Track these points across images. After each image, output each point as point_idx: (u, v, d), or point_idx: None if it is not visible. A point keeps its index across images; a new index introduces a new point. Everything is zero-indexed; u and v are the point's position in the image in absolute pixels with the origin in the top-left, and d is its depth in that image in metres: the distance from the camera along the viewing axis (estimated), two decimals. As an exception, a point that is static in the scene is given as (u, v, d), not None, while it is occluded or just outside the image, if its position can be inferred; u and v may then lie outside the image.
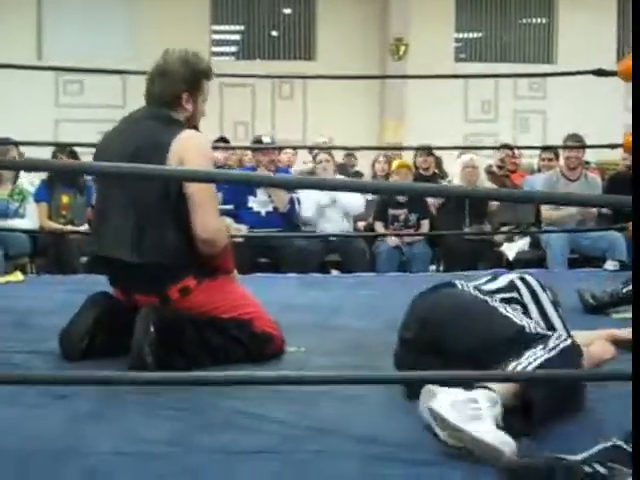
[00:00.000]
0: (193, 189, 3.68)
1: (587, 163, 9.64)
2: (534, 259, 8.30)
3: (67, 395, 3.11)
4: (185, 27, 14.59)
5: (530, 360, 2.85)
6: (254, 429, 2.83)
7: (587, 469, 2.32)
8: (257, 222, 7.79)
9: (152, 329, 3.57)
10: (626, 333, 3.48)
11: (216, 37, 15.58)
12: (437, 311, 3.26)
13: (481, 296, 3.31)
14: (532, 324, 3.18)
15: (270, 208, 7.91)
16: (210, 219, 3.74)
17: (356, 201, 8.45)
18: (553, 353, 2.93)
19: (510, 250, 8.52)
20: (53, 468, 2.53)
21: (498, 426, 2.58)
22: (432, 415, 2.58)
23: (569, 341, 3.06)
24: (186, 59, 4.05)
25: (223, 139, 10.52)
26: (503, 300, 3.35)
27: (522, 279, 3.50)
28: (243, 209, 7.88)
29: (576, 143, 8.32)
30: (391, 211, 8.49)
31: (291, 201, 8.05)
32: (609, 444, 2.41)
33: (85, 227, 8.26)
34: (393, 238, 8.39)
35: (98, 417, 2.94)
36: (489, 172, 9.87)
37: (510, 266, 8.01)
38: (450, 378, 2.72)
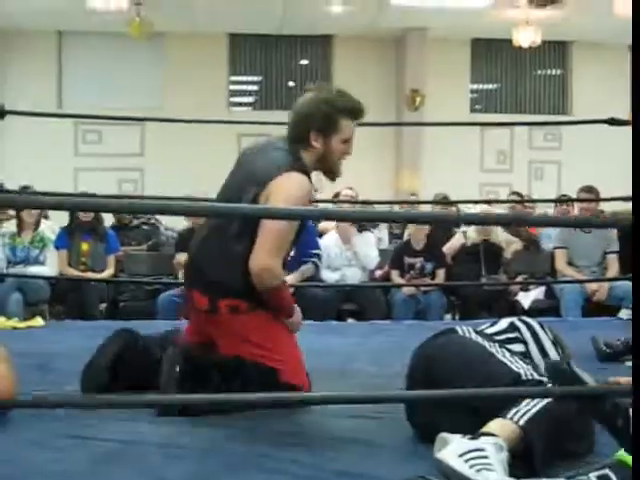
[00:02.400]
0: (265, 221, 3.69)
1: (602, 212, 9.67)
2: (549, 308, 8.34)
3: (88, 437, 3.16)
4: (205, 78, 14.78)
5: (529, 407, 2.87)
6: (277, 471, 2.88)
7: None
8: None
9: (177, 370, 3.63)
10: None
11: (234, 88, 15.73)
12: (438, 358, 3.29)
13: (480, 341, 3.34)
14: (529, 370, 3.18)
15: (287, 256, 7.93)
16: (262, 255, 3.71)
17: (373, 255, 8.53)
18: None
19: (525, 299, 8.56)
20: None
21: (505, 472, 2.61)
22: (443, 466, 2.63)
23: None
24: (320, 97, 3.95)
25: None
26: (504, 341, 3.42)
27: (522, 320, 3.58)
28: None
29: (590, 195, 8.38)
30: (407, 260, 8.54)
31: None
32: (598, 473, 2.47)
33: (105, 274, 8.36)
34: (409, 287, 8.41)
35: (120, 457, 3.00)
36: (504, 222, 9.91)
37: (525, 315, 8.04)
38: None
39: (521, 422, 2.83)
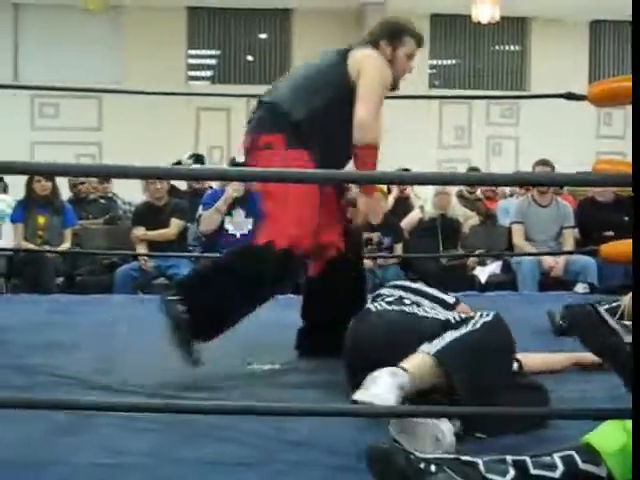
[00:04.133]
0: (364, 76, 4.15)
1: (561, 188, 9.73)
2: (505, 282, 8.41)
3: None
4: (163, 52, 14.67)
5: (441, 340, 3.04)
6: (233, 441, 2.90)
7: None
8: (232, 244, 7.79)
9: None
10: (591, 356, 3.59)
11: (193, 61, 15.64)
12: (371, 342, 3.36)
13: (397, 308, 3.50)
14: (451, 314, 3.37)
15: (245, 231, 7.93)
16: (360, 110, 4.07)
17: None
18: (472, 328, 3.13)
19: (482, 273, 8.62)
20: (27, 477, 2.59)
21: (394, 391, 2.82)
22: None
23: (491, 316, 3.23)
24: (393, 19, 4.56)
25: (198, 157, 10.27)
26: (413, 302, 3.56)
27: (396, 286, 3.85)
28: (218, 232, 7.89)
29: (545, 168, 8.43)
30: (365, 234, 8.55)
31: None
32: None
33: (61, 248, 8.31)
34: (366, 261, 8.43)
35: (77, 430, 2.99)
36: (460, 196, 9.95)
37: (482, 289, 8.11)
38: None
39: (432, 351, 2.98)
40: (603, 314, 2.74)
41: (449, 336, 3.07)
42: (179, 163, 9.32)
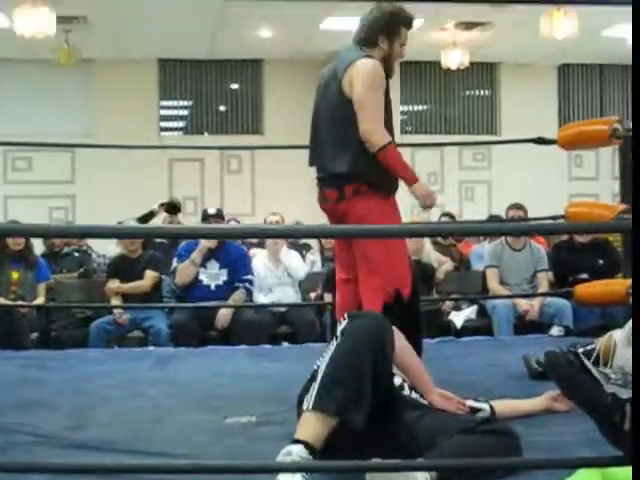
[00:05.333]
0: (360, 100, 4.46)
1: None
2: (481, 327, 8.42)
3: None
4: (135, 103, 14.69)
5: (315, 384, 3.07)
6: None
7: None
8: (206, 296, 7.81)
9: None
10: (564, 400, 3.62)
11: (165, 112, 15.66)
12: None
13: None
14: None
15: (220, 282, 7.93)
16: (366, 124, 4.43)
17: (302, 265, 8.68)
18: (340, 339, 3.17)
19: (457, 318, 8.63)
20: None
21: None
22: None
23: (344, 323, 3.27)
24: (386, 7, 4.74)
25: (174, 206, 10.12)
26: None
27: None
28: (193, 283, 7.90)
29: (519, 212, 8.51)
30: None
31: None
32: None
33: (36, 302, 8.28)
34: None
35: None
36: (434, 242, 9.97)
37: (458, 334, 8.12)
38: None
39: (310, 406, 3.01)
40: (585, 362, 2.74)
41: (319, 373, 3.11)
42: (151, 213, 9.29)
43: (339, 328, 3.24)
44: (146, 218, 9.30)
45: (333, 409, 2.97)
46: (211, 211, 8.38)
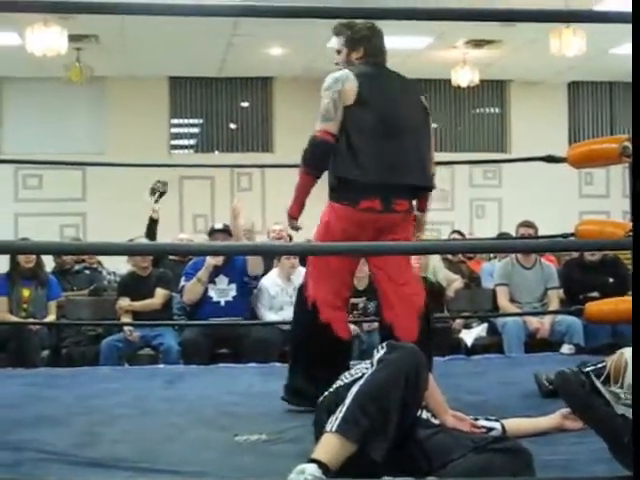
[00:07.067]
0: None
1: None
2: (492, 345, 8.39)
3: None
4: (145, 121, 14.72)
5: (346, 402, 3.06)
6: None
7: None
8: (216, 312, 7.82)
9: None
10: (574, 423, 3.61)
11: (175, 130, 15.70)
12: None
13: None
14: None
15: (230, 297, 7.94)
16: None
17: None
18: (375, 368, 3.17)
19: (468, 337, 8.61)
20: None
21: None
22: None
23: (382, 351, 3.27)
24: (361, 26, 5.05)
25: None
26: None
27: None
28: (203, 300, 7.91)
29: (529, 230, 8.50)
30: (350, 300, 8.52)
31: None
32: None
33: (48, 319, 8.29)
34: (352, 326, 8.38)
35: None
36: (444, 259, 9.96)
37: (468, 352, 8.10)
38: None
39: (334, 428, 2.97)
40: (596, 383, 2.73)
41: (349, 397, 3.08)
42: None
43: (376, 355, 3.23)
44: (151, 227, 9.35)
45: (356, 437, 2.95)
46: (217, 226, 8.38)
